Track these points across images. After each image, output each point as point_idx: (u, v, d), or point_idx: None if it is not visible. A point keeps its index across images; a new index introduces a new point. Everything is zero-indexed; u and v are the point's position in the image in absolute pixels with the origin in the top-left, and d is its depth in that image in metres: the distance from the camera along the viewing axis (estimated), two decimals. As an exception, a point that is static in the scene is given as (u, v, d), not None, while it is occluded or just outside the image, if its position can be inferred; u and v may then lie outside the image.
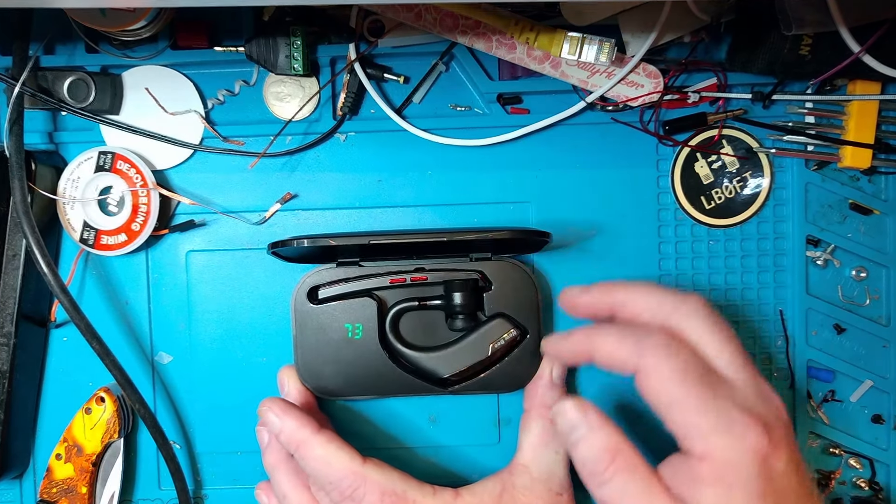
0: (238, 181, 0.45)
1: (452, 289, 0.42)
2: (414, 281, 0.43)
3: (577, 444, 0.35)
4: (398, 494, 0.38)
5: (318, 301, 0.43)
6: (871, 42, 0.39)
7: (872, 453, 0.45)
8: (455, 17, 0.41)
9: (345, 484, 0.38)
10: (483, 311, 0.43)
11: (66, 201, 0.43)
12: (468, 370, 0.43)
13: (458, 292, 0.42)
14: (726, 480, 0.32)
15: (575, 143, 0.45)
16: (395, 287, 0.43)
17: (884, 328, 0.45)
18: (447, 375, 0.43)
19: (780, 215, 0.45)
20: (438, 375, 0.43)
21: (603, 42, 0.40)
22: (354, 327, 0.43)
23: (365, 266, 0.43)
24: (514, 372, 0.41)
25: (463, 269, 0.43)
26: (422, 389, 0.43)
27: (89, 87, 0.43)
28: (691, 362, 0.34)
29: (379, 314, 0.43)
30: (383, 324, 0.43)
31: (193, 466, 0.46)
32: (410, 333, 0.44)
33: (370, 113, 0.45)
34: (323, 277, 0.43)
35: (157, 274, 0.45)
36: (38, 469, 0.46)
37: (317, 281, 0.43)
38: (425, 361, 0.43)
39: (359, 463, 0.38)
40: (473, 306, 0.43)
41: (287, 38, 0.42)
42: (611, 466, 0.33)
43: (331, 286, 0.43)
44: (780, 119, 0.44)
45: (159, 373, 0.46)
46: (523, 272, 0.43)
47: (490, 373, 0.43)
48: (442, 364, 0.43)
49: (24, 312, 0.43)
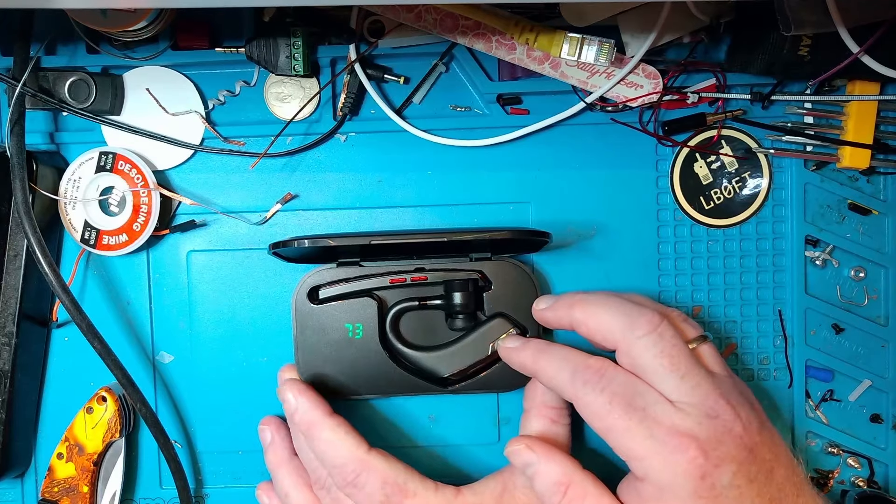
0: (239, 181, 0.45)
1: (452, 289, 0.43)
2: (414, 281, 0.43)
3: (533, 479, 0.38)
4: (399, 485, 0.38)
5: (319, 301, 0.43)
6: (870, 42, 0.39)
7: (871, 452, 0.45)
8: (455, 17, 0.41)
9: (348, 469, 0.38)
10: (483, 311, 0.43)
11: (67, 201, 0.43)
12: (468, 369, 0.43)
13: (458, 292, 0.42)
14: (664, 499, 0.34)
15: (574, 144, 0.45)
16: (396, 287, 0.43)
17: (882, 328, 0.45)
18: (447, 375, 0.43)
19: (779, 215, 0.45)
20: (439, 375, 0.43)
21: (602, 43, 0.40)
22: (355, 327, 0.43)
23: (365, 266, 0.43)
24: (514, 371, 0.41)
25: (463, 268, 0.43)
26: (422, 389, 0.43)
27: (90, 87, 0.43)
28: (619, 391, 0.35)
29: (379, 314, 0.43)
30: (384, 323, 0.43)
31: (195, 465, 0.46)
32: (411, 333, 0.44)
33: (370, 113, 0.45)
34: (323, 277, 0.43)
35: (158, 274, 0.45)
36: (40, 468, 0.46)
37: (317, 281, 0.43)
38: (425, 361, 0.43)
39: (364, 450, 0.39)
40: (473, 306, 0.43)
41: (287, 39, 0.42)
42: (563, 499, 0.36)
43: (331, 286, 0.43)
44: (779, 119, 0.44)
45: (160, 372, 0.46)
46: (523, 272, 0.43)
47: (490, 372, 0.43)
48: (442, 363, 0.43)
49: (26, 312, 0.43)
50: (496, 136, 0.44)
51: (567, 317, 0.39)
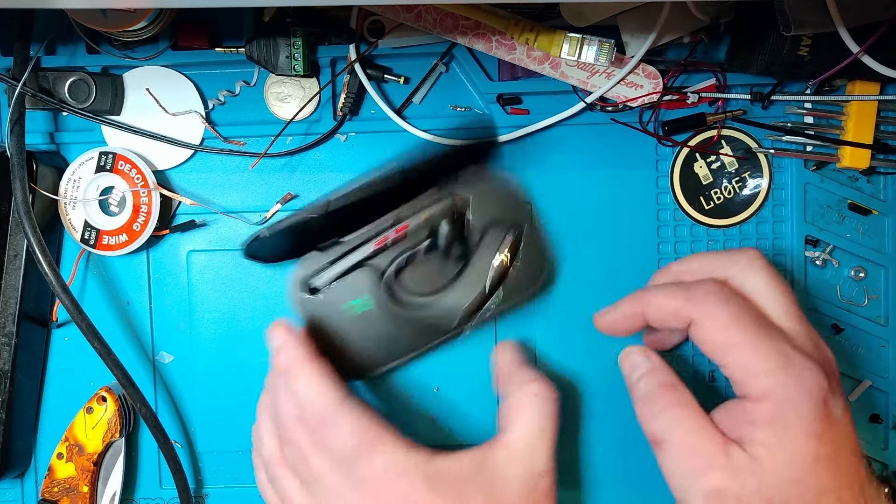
0: (239, 181, 0.45)
1: (435, 223, 0.41)
2: (398, 234, 0.41)
3: (637, 382, 0.37)
4: (369, 438, 0.36)
5: (316, 291, 0.42)
6: (870, 42, 0.39)
7: (871, 452, 0.45)
8: (455, 17, 0.41)
9: (320, 411, 0.37)
10: (473, 230, 0.42)
11: (67, 201, 0.43)
12: (484, 293, 0.41)
13: (441, 224, 0.41)
14: (784, 420, 0.32)
15: (574, 144, 0.45)
16: (383, 249, 0.42)
17: (882, 328, 0.45)
18: (467, 306, 0.41)
19: (779, 215, 0.45)
20: (459, 310, 0.41)
21: (602, 43, 0.40)
22: (363, 301, 0.42)
23: (346, 241, 0.42)
24: (529, 266, 0.41)
25: (437, 199, 0.42)
26: (451, 332, 0.42)
27: (90, 87, 0.43)
28: (745, 307, 0.35)
29: (379, 279, 0.42)
30: (388, 286, 0.42)
31: (195, 465, 0.46)
32: (419, 286, 0.42)
33: (370, 113, 0.45)
34: (310, 267, 0.42)
35: (158, 274, 0.46)
36: (40, 468, 0.46)
37: (306, 273, 0.42)
38: (443, 301, 0.42)
39: (340, 396, 0.37)
40: (462, 230, 0.42)
41: (287, 39, 0.42)
42: (663, 399, 0.35)
43: (322, 273, 0.42)
44: (779, 119, 0.44)
45: (160, 372, 0.46)
46: (493, 177, 0.42)
47: (509, 280, 0.42)
48: (459, 296, 0.41)
49: (26, 312, 0.43)
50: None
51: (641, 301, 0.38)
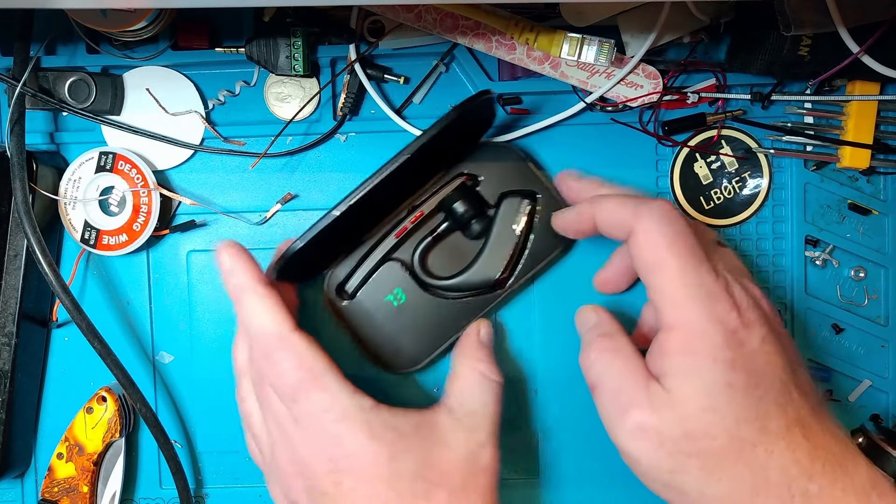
0: (239, 181, 0.45)
1: (450, 203, 0.42)
2: (416, 221, 0.43)
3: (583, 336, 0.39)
4: (314, 374, 0.36)
5: (351, 295, 0.43)
6: (870, 42, 0.39)
7: (871, 452, 0.46)
8: (455, 17, 0.41)
9: (266, 341, 0.37)
10: (488, 204, 0.43)
11: (67, 201, 0.43)
12: (511, 260, 0.42)
13: (456, 202, 0.42)
14: (693, 348, 0.34)
15: (575, 144, 0.45)
16: (405, 238, 0.43)
17: (882, 328, 0.45)
18: (497, 276, 0.42)
19: (779, 215, 0.45)
20: (490, 282, 0.42)
21: (602, 43, 0.40)
22: (395, 295, 0.43)
23: (367, 240, 0.43)
24: (551, 232, 0.41)
25: (446, 180, 0.43)
26: (484, 304, 0.43)
27: (90, 87, 0.43)
28: (685, 233, 0.35)
29: (408, 269, 0.43)
30: (417, 275, 0.43)
31: (195, 465, 0.46)
32: (445, 268, 0.43)
33: (370, 113, 0.45)
34: (339, 274, 0.43)
35: (158, 274, 0.46)
36: (40, 468, 0.46)
37: (337, 279, 0.43)
38: (472, 277, 0.42)
39: (288, 328, 0.37)
40: (477, 206, 0.42)
41: (287, 39, 0.42)
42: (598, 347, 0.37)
43: (352, 276, 0.43)
44: (779, 119, 0.44)
45: (160, 372, 0.46)
46: (496, 146, 0.43)
47: (531, 247, 0.42)
48: (486, 270, 0.42)
49: (26, 312, 0.43)
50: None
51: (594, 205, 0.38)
